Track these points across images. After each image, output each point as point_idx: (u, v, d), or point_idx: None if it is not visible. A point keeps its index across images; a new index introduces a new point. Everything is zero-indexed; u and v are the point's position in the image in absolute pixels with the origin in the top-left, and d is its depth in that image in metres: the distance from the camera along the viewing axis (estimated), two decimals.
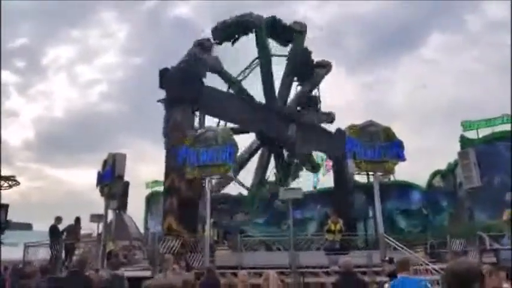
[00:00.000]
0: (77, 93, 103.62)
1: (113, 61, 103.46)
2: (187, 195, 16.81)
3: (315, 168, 27.45)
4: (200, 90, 18.72)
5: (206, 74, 19.75)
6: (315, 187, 30.05)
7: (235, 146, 14.95)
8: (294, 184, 23.87)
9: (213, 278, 8.67)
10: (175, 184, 16.85)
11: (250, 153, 24.12)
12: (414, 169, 27.80)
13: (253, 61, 23.98)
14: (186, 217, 16.42)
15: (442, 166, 24.32)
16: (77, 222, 14.98)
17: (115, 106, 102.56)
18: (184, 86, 18.18)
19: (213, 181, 15.16)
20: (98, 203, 17.06)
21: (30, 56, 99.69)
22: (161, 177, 23.00)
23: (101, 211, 16.33)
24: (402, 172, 19.47)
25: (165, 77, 18.66)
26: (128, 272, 10.48)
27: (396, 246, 12.71)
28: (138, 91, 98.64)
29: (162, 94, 18.82)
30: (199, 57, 19.90)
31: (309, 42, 24.69)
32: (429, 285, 4.82)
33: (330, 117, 25.74)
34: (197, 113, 19.10)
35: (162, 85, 18.72)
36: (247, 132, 23.51)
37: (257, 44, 22.59)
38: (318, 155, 30.35)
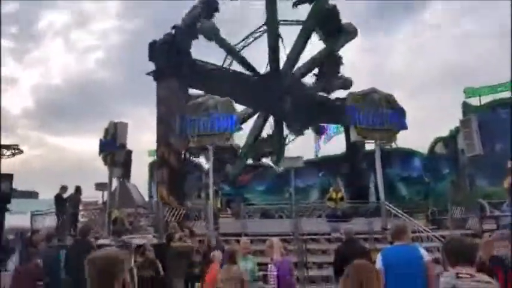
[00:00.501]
0: (74, 60, 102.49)
1: (110, 26, 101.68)
2: (176, 167, 17.21)
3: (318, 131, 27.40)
4: (186, 64, 18.51)
5: (191, 45, 19.48)
6: (316, 155, 30.16)
7: (236, 113, 14.98)
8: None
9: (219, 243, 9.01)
10: (164, 156, 17.17)
11: (256, 134, 24.24)
12: (416, 136, 27.73)
13: (256, 30, 23.54)
14: (175, 188, 16.83)
15: (444, 133, 24.28)
16: (77, 192, 15.11)
17: (114, 73, 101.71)
18: (169, 60, 18.08)
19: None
20: (101, 170, 17.21)
21: (24, 21, 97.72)
22: None
23: (105, 179, 16.49)
24: (404, 139, 19.47)
25: (153, 50, 18.52)
26: (135, 240, 10.69)
27: (397, 213, 12.88)
28: (137, 58, 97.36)
29: None
30: (188, 27, 19.68)
31: None
32: (423, 252, 4.71)
33: (346, 83, 24.24)
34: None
35: (151, 58, 18.61)
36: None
37: (267, 4, 21.73)
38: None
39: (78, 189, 15.20)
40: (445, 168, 23.10)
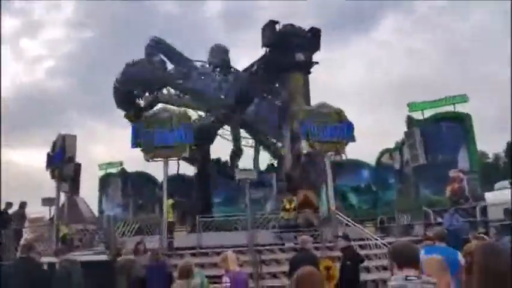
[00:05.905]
0: (22, 69, 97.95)
1: (61, 34, 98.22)
2: None
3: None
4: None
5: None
6: (272, 164, 30.53)
7: (190, 126, 14.88)
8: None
9: (160, 261, 8.84)
10: None
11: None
12: (364, 148, 28.87)
13: None
14: None
15: (390, 145, 25.46)
16: (22, 207, 14.42)
17: (64, 83, 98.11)
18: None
19: None
20: (48, 184, 16.54)
21: None
22: (114, 159, 22.67)
23: (52, 193, 15.85)
24: (352, 150, 20.17)
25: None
26: (84, 257, 10.36)
27: (347, 222, 13.30)
28: (88, 67, 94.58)
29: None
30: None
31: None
32: (461, 258, 5.09)
33: None
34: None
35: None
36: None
37: None
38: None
39: (22, 205, 14.53)
40: (392, 178, 24.16)
